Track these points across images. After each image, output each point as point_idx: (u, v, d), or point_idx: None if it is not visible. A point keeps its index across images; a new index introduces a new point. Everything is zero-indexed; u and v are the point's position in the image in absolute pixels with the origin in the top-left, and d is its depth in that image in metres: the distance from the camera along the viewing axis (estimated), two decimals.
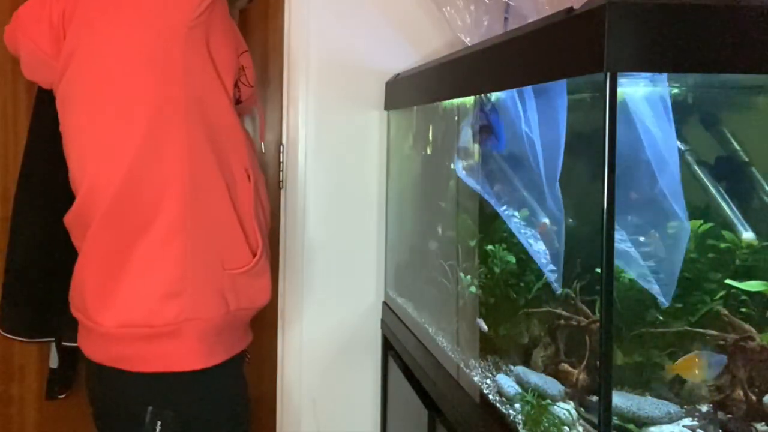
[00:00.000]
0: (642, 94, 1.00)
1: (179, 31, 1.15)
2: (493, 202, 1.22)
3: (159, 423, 1.18)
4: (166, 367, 1.18)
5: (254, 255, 1.26)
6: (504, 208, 1.21)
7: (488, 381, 1.21)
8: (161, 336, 1.17)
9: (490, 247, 1.29)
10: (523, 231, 1.16)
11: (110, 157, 1.18)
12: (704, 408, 1.05)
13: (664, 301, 1.02)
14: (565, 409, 1.03)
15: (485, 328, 1.22)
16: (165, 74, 1.16)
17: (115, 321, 1.18)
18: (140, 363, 1.19)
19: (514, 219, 1.18)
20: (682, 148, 1.13)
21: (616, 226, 0.83)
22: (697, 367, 1.00)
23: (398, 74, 1.79)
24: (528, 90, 1.13)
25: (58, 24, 1.23)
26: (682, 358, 1.02)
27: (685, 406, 1.04)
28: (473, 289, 1.33)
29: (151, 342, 1.18)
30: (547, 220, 1.10)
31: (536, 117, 1.10)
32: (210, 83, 1.21)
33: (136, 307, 1.17)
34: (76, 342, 1.70)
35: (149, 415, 1.18)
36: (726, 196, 1.13)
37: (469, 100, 1.34)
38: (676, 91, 1.08)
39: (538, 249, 1.12)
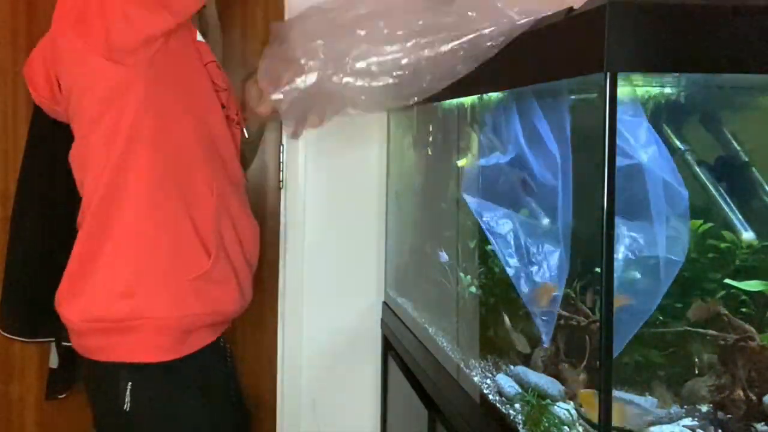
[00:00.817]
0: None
1: (140, 66, 1.27)
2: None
3: (130, 384, 1.28)
4: (125, 358, 1.29)
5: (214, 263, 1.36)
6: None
7: (488, 381, 1.21)
8: (118, 330, 1.29)
9: (490, 247, 1.29)
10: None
11: (96, 175, 1.33)
12: (704, 408, 1.05)
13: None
14: (565, 409, 1.03)
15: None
16: (133, 107, 1.28)
17: (80, 316, 1.31)
18: (105, 353, 1.31)
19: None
20: (682, 148, 1.14)
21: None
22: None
23: None
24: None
25: (50, 73, 1.39)
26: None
27: (685, 406, 1.04)
28: (473, 289, 1.33)
29: (110, 335, 1.30)
30: (549, 283, 1.09)
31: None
32: (177, 110, 1.33)
33: (96, 304, 1.30)
34: None
35: (121, 376, 1.29)
36: (726, 196, 1.13)
37: (469, 100, 1.35)
38: (673, 90, 1.08)
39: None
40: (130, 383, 1.28)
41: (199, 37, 1.41)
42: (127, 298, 1.29)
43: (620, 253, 0.97)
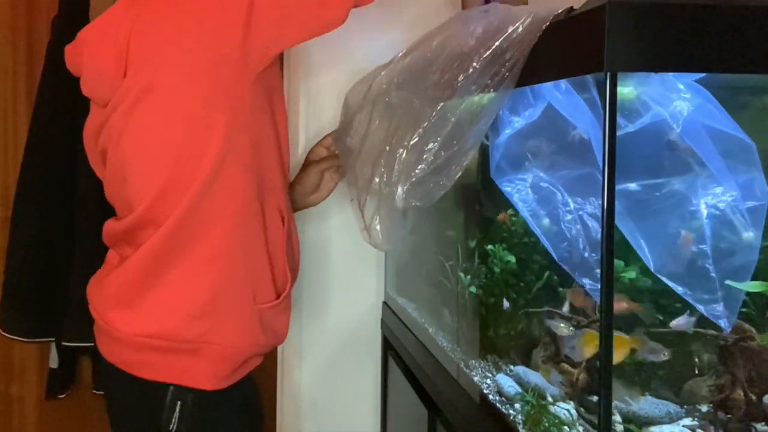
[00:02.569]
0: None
1: (247, 79, 1.21)
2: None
3: (179, 403, 1.23)
4: (178, 381, 1.24)
5: (280, 292, 1.34)
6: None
7: (488, 381, 1.21)
8: (179, 351, 1.23)
9: (490, 247, 1.29)
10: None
11: (179, 186, 1.23)
12: (704, 408, 1.05)
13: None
14: (565, 409, 1.03)
15: None
16: (234, 121, 1.22)
17: (134, 329, 1.25)
18: (154, 371, 1.25)
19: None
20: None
21: None
22: None
23: None
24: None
25: (123, 43, 1.25)
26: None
27: (685, 406, 1.04)
28: (473, 289, 1.34)
29: (166, 354, 1.24)
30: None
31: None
32: (268, 130, 1.30)
33: (160, 320, 1.23)
34: (76, 342, 1.71)
35: (170, 395, 1.23)
36: None
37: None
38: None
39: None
40: (179, 404, 1.23)
41: None
42: (200, 319, 1.22)
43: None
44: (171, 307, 1.24)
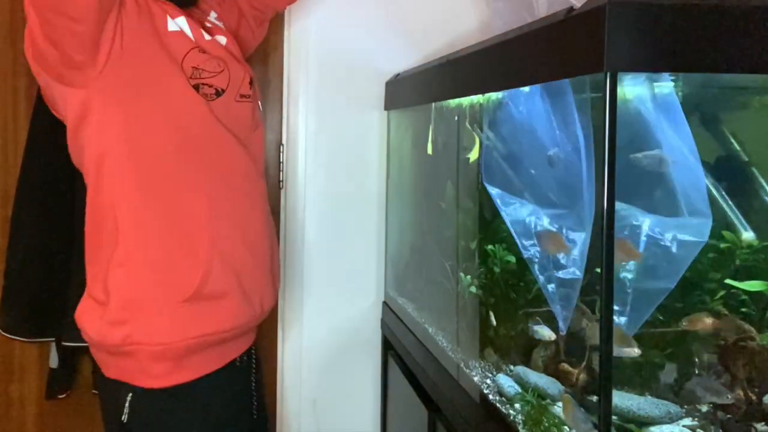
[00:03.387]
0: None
1: (89, 84, 1.20)
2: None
3: (129, 400, 1.23)
4: (127, 379, 1.24)
5: (207, 274, 1.24)
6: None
7: (488, 381, 1.21)
8: (116, 354, 1.24)
9: (490, 247, 1.29)
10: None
11: (85, 194, 1.29)
12: (704, 408, 1.05)
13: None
14: None
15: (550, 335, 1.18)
16: (94, 129, 1.23)
17: (86, 332, 1.27)
18: (110, 370, 1.28)
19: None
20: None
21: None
22: (568, 412, 0.99)
23: (398, 74, 1.79)
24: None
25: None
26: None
27: (685, 406, 1.04)
28: (473, 289, 1.33)
29: (110, 356, 1.26)
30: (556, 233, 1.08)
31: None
32: (144, 120, 1.24)
33: (93, 327, 1.25)
34: (76, 342, 1.70)
35: (123, 392, 1.24)
36: (726, 196, 1.13)
37: (469, 100, 1.34)
38: (670, 91, 1.08)
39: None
40: (129, 399, 1.23)
41: (181, 23, 1.28)
42: (120, 325, 1.21)
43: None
44: (93, 315, 1.25)
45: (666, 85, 1.04)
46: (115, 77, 1.20)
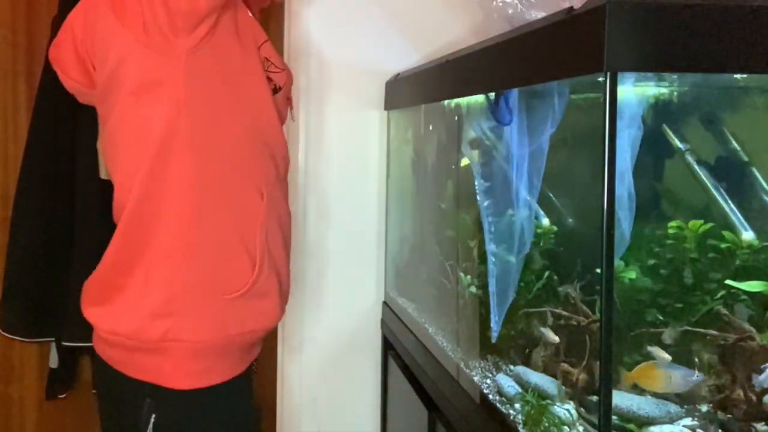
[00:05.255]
0: None
1: (179, 57, 1.15)
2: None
3: (154, 416, 1.19)
4: (153, 379, 1.20)
5: (257, 273, 1.23)
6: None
7: (488, 381, 1.21)
8: (147, 351, 1.19)
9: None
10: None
11: (130, 174, 1.20)
12: (704, 408, 1.05)
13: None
14: (565, 409, 1.03)
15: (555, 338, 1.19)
16: (168, 105, 1.16)
17: (108, 327, 1.21)
18: (131, 369, 1.22)
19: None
20: (682, 147, 1.13)
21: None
22: (656, 378, 0.99)
23: (398, 74, 1.79)
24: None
25: (84, 55, 1.25)
26: (639, 366, 1.02)
27: (685, 406, 1.04)
28: (473, 289, 1.33)
29: (138, 353, 1.20)
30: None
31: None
32: (224, 108, 1.20)
33: (126, 320, 1.19)
34: (75, 342, 1.70)
35: (147, 393, 1.19)
36: (726, 196, 1.13)
37: (469, 100, 1.35)
38: (667, 91, 1.08)
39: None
40: (153, 403, 1.19)
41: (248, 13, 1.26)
42: (162, 318, 1.17)
43: None
44: (134, 306, 1.19)
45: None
46: (205, 57, 1.16)
